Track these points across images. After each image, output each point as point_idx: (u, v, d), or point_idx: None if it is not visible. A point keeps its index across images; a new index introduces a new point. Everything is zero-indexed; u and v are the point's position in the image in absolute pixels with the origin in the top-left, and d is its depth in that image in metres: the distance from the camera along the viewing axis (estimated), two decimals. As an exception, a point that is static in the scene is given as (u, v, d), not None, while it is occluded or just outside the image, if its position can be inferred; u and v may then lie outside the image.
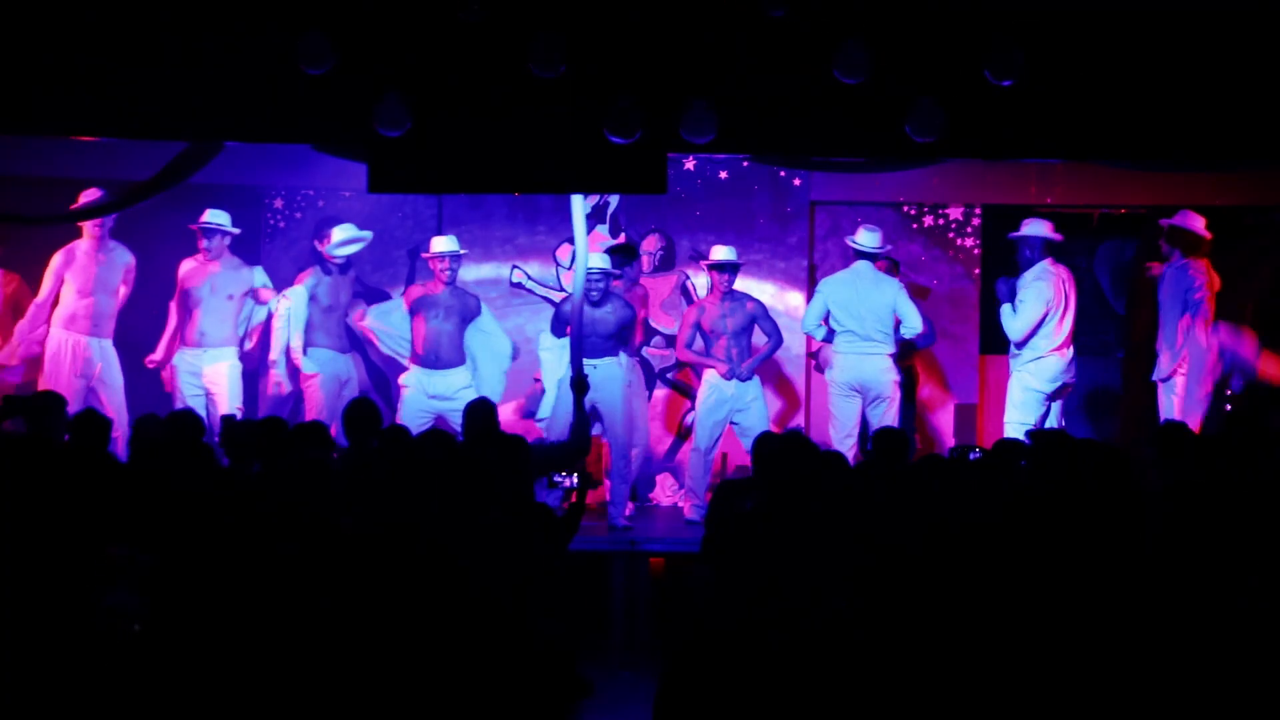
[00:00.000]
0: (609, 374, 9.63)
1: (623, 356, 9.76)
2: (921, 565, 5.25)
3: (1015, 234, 9.86)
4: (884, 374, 9.82)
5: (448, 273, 9.93)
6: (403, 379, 10.05)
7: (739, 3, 8.25)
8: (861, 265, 9.96)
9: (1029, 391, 9.72)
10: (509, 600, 5.66)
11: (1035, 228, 9.77)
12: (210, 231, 10.12)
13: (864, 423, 9.82)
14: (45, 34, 8.28)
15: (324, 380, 10.21)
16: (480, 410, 8.08)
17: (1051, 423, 9.62)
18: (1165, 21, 8.38)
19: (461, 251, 10.07)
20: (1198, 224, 9.82)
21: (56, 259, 10.10)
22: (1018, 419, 9.67)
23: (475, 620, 5.42)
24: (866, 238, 10.00)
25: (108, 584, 5.29)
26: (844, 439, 9.77)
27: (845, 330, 9.85)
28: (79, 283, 10.06)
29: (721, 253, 10.04)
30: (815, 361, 10.71)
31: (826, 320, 9.95)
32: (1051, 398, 9.72)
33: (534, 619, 5.88)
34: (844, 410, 9.88)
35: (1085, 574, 5.16)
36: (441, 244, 10.02)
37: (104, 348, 10.11)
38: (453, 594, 5.41)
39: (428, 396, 9.86)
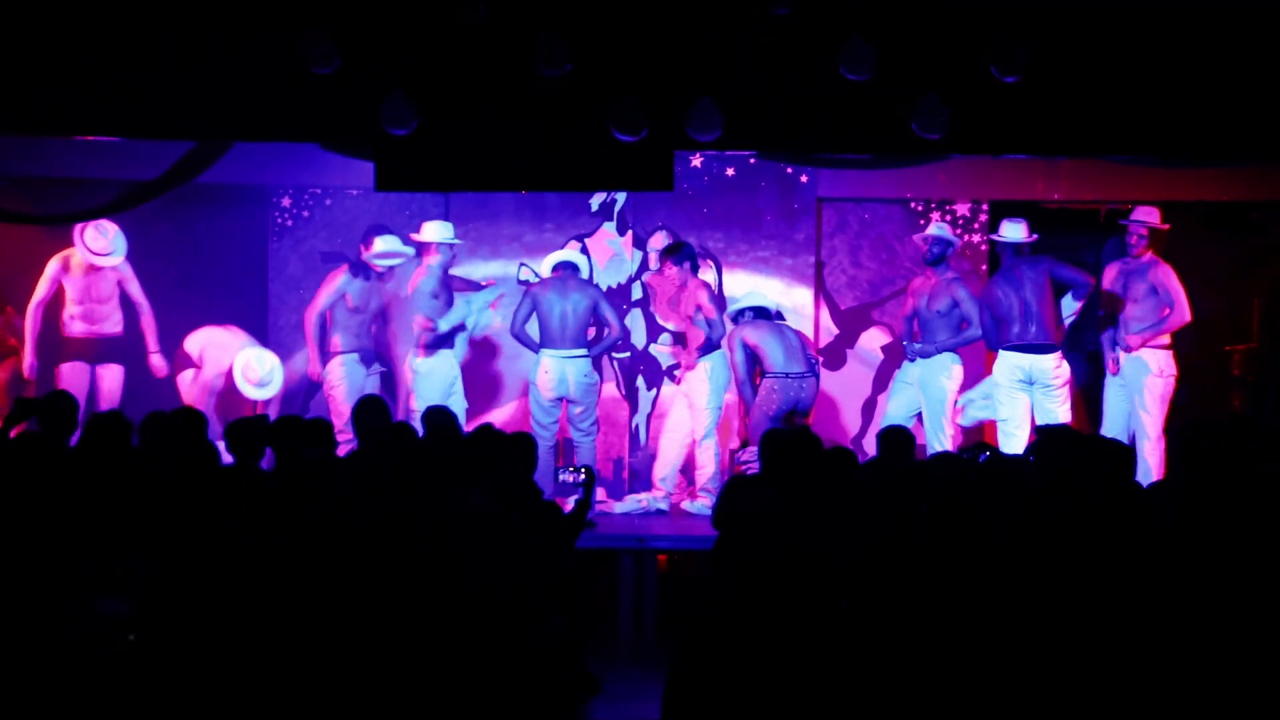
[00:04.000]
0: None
1: None
2: (929, 561, 5.26)
3: (995, 236, 9.93)
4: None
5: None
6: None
7: (743, 1, 8.27)
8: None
9: (995, 386, 9.87)
10: (516, 597, 5.67)
11: (1013, 231, 9.83)
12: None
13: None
14: (50, 34, 8.31)
15: (348, 389, 10.18)
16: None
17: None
18: (1170, 16, 8.40)
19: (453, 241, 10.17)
20: (1156, 218, 9.82)
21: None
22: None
23: (483, 617, 5.43)
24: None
25: (102, 592, 5.28)
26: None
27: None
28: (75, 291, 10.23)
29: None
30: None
31: None
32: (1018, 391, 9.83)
33: (541, 616, 5.90)
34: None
35: (1091, 571, 5.16)
36: (434, 231, 10.09)
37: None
38: (460, 591, 5.43)
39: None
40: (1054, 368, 9.71)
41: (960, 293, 9.94)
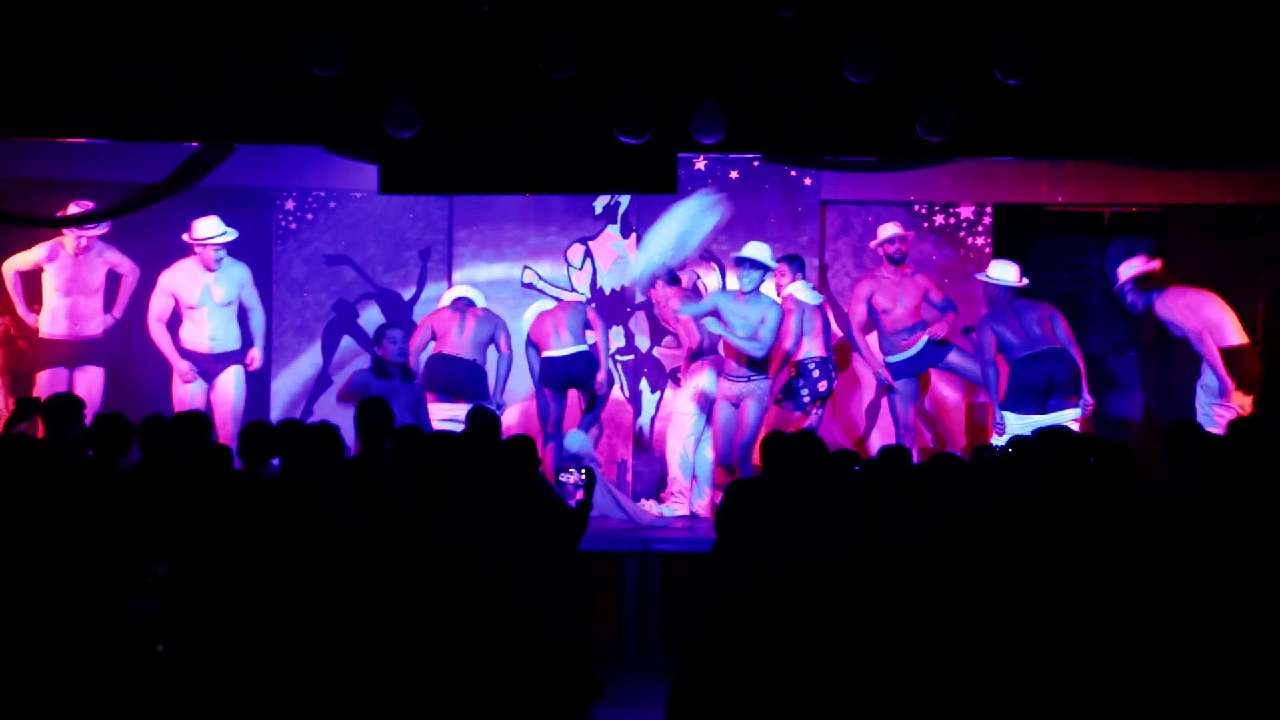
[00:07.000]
0: None
1: None
2: (928, 563, 5.26)
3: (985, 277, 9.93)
4: None
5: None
6: None
7: (749, 3, 8.27)
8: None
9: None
10: (521, 600, 5.67)
11: (1004, 272, 9.82)
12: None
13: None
14: (54, 36, 8.31)
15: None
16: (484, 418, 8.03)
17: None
18: (1175, 19, 8.40)
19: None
20: (1153, 264, 9.81)
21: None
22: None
23: (487, 621, 5.43)
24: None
25: (134, 594, 5.27)
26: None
27: None
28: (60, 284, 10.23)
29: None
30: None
31: None
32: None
33: (546, 619, 5.89)
34: None
35: (1089, 572, 5.16)
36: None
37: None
38: (465, 594, 5.43)
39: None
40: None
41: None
